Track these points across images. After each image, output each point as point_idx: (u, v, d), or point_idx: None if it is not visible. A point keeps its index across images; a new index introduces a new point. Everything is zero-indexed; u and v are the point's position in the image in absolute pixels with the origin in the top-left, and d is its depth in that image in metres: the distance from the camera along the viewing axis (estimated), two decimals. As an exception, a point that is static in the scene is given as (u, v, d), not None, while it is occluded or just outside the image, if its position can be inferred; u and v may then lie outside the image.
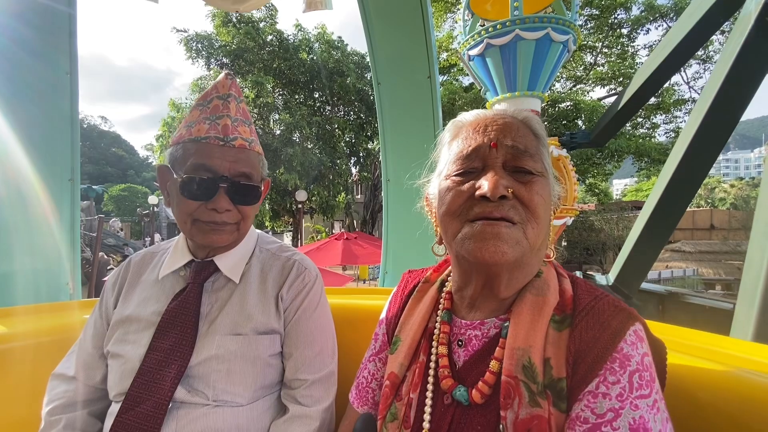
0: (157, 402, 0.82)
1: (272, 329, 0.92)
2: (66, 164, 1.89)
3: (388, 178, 2.47)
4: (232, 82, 0.93)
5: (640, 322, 0.58)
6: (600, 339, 0.55)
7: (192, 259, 0.96)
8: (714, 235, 20.21)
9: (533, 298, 0.63)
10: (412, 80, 2.39)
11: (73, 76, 1.89)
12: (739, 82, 3.56)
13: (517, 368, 0.57)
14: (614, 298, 0.61)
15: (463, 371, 0.66)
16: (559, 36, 3.86)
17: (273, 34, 15.13)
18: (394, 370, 0.72)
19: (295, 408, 0.90)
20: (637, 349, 0.55)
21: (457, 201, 0.63)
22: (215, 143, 0.87)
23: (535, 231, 0.61)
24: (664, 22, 14.70)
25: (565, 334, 0.58)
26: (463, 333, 0.68)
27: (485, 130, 0.65)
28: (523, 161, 0.63)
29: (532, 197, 0.61)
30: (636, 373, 0.53)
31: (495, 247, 0.58)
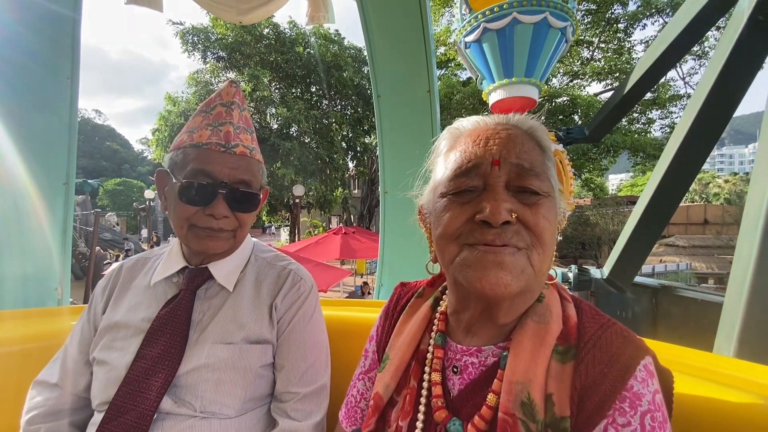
0: (142, 413, 0.79)
1: (264, 339, 0.90)
2: (62, 168, 1.88)
3: (386, 190, 2.49)
4: (236, 90, 0.94)
5: (650, 354, 0.54)
6: (608, 375, 0.51)
7: (186, 265, 0.95)
8: (707, 229, 20.41)
9: (535, 326, 0.58)
10: (411, 95, 2.42)
11: (74, 81, 1.89)
12: (733, 78, 3.60)
13: (515, 405, 0.52)
14: (622, 327, 0.57)
15: (457, 401, 0.61)
16: (558, 21, 3.81)
17: (269, 28, 15.02)
18: (379, 391, 0.68)
19: (285, 422, 0.87)
20: (647, 387, 0.51)
21: (455, 224, 0.57)
22: (216, 149, 0.87)
23: (540, 257, 0.56)
24: (661, 17, 14.71)
25: (570, 367, 0.54)
26: (458, 359, 0.64)
27: (486, 144, 0.59)
28: (528, 181, 0.57)
29: (538, 221, 0.55)
30: (648, 414, 0.49)
31: (497, 279, 0.53)
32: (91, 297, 1.01)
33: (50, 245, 1.83)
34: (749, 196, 2.54)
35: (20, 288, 1.75)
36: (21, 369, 1.11)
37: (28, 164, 1.76)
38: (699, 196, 34.42)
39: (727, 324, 2.41)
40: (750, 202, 2.49)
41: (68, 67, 1.87)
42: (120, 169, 78.33)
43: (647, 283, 5.99)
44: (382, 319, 0.81)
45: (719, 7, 4.03)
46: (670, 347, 0.95)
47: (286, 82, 15.81)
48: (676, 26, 4.44)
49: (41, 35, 1.82)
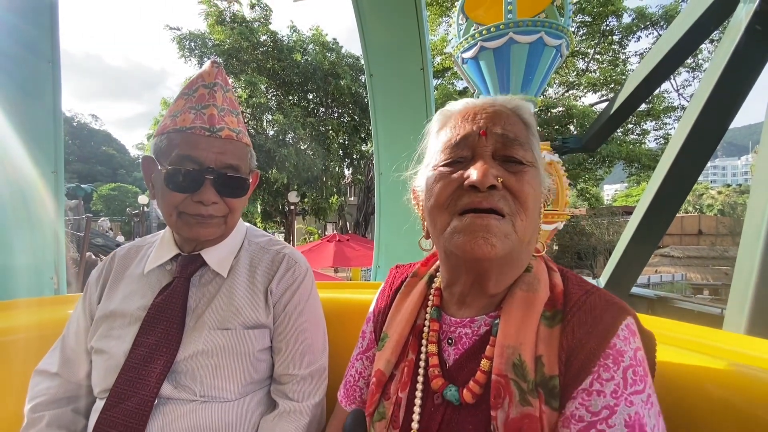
0: (143, 398, 0.80)
1: (261, 324, 0.90)
2: (49, 156, 1.83)
3: (381, 171, 2.46)
4: (218, 70, 0.90)
5: (631, 315, 0.57)
6: (592, 335, 0.54)
7: (178, 253, 0.94)
8: (702, 240, 20.53)
9: (523, 294, 0.61)
10: (404, 72, 2.36)
11: (56, 64, 1.83)
12: (729, 90, 3.61)
13: (507, 366, 0.56)
14: (605, 292, 0.60)
15: (453, 370, 0.64)
16: (553, 40, 3.88)
17: (267, 35, 15.08)
18: (380, 367, 0.71)
19: (285, 403, 0.88)
20: (629, 344, 0.54)
21: (446, 191, 0.61)
22: (201, 133, 0.84)
23: (524, 223, 0.59)
24: (655, 30, 14.94)
25: (557, 330, 0.57)
26: (453, 331, 0.67)
27: (474, 118, 0.63)
28: (513, 150, 0.61)
29: (522, 187, 0.59)
30: (630, 369, 0.52)
31: (484, 240, 0.56)
32: (85, 287, 1.00)
33: (43, 235, 1.80)
34: (749, 206, 2.52)
35: (15, 278, 1.72)
36: (19, 358, 1.12)
37: (15, 153, 1.71)
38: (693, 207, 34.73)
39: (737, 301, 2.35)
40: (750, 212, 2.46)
41: (48, 50, 1.82)
42: (115, 174, 78.02)
43: (644, 294, 5.97)
44: (379, 300, 0.84)
45: (714, 19, 4.06)
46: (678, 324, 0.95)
47: (283, 89, 15.84)
48: (670, 38, 4.47)
49: (18, 18, 1.77)
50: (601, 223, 18.53)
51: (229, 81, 0.94)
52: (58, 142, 1.87)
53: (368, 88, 2.47)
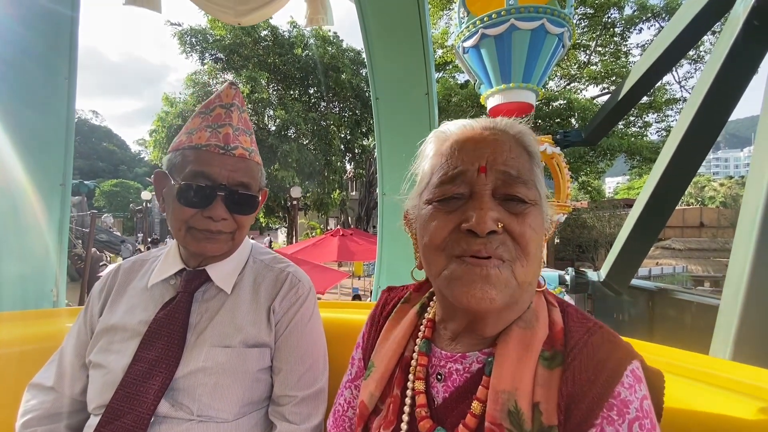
0: (139, 416, 0.78)
1: (262, 342, 0.89)
2: (59, 169, 1.86)
3: (384, 192, 2.49)
4: (236, 92, 0.93)
5: (637, 359, 0.53)
6: (595, 382, 0.50)
7: (183, 267, 0.94)
8: (703, 232, 20.50)
9: (520, 332, 0.57)
10: (410, 97, 2.42)
11: (72, 80, 1.88)
12: (728, 83, 3.62)
13: (503, 415, 0.51)
14: (608, 331, 0.56)
15: (442, 410, 0.60)
16: (555, 28, 3.85)
17: (268, 30, 15.02)
18: (364, 400, 0.67)
19: (283, 426, 0.87)
20: (635, 393, 0.50)
21: (442, 233, 0.56)
22: (215, 151, 0.86)
23: (524, 269, 0.55)
24: (657, 21, 14.82)
25: (557, 373, 0.53)
26: (442, 365, 0.62)
27: (474, 150, 0.58)
28: (515, 189, 0.56)
29: (524, 231, 0.55)
30: (636, 422, 0.48)
31: (482, 293, 0.52)
32: (87, 299, 0.99)
33: (46, 246, 1.81)
34: (745, 198, 2.55)
35: (16, 289, 1.73)
36: (16, 371, 1.10)
37: (24, 165, 1.75)
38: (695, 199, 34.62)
39: (724, 327, 2.42)
40: (746, 205, 2.50)
41: (66, 66, 1.86)
42: (117, 170, 77.97)
43: (644, 286, 6.01)
44: (368, 325, 0.79)
45: (715, 12, 4.07)
46: (664, 349, 0.95)
47: (284, 83, 15.81)
48: (672, 30, 4.47)
49: (39, 34, 1.81)
50: (603, 216, 18.51)
51: (245, 102, 0.98)
52: (68, 156, 1.89)
53: (374, 111, 2.52)
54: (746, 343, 2.29)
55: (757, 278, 2.29)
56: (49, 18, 1.83)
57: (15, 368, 1.12)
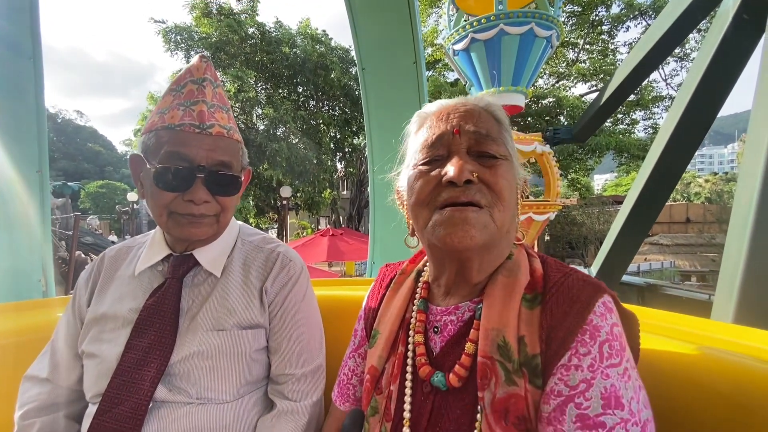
0: (137, 402, 0.78)
1: (257, 324, 0.89)
2: (33, 155, 1.78)
3: (375, 166, 2.43)
4: (207, 65, 0.87)
5: (608, 294, 0.59)
6: (570, 313, 0.56)
7: (170, 253, 0.92)
8: (690, 228, 20.88)
9: (505, 280, 0.64)
10: (397, 65, 2.33)
11: (37, 61, 1.77)
12: (717, 79, 3.65)
13: (492, 348, 0.58)
14: (583, 274, 0.62)
15: (440, 357, 0.66)
16: (543, 31, 3.88)
17: (254, 27, 14.83)
18: (373, 363, 0.72)
19: (283, 403, 0.88)
20: (606, 320, 0.56)
21: (426, 189, 0.64)
22: (190, 130, 0.82)
23: (501, 214, 0.62)
24: (644, 19, 15.01)
25: (537, 311, 0.59)
26: (438, 320, 0.69)
27: (448, 118, 0.67)
28: (486, 145, 0.64)
29: (497, 180, 0.62)
30: (606, 343, 0.54)
31: (464, 232, 0.59)
32: (74, 290, 0.98)
33: (29, 236, 1.75)
34: (737, 194, 2.56)
35: (2, 281, 1.68)
36: (7, 363, 1.09)
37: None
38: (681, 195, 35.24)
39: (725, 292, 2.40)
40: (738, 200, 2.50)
41: (29, 46, 1.75)
42: (103, 171, 76.64)
43: (633, 282, 6.08)
44: (369, 298, 0.86)
45: (701, 10, 4.09)
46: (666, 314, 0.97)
47: (273, 82, 15.63)
48: (659, 28, 4.50)
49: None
50: (592, 213, 18.73)
51: (218, 76, 0.91)
52: (42, 140, 1.81)
53: (360, 82, 2.43)
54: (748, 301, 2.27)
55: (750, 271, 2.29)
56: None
57: (8, 360, 1.10)
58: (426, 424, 0.63)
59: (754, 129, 2.49)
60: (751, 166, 2.38)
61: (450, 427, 0.60)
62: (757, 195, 2.29)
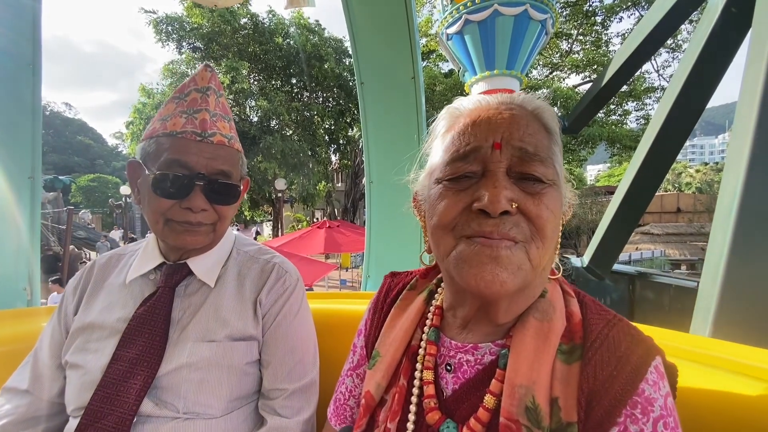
0: (121, 417, 0.75)
1: (249, 335, 0.86)
2: (26, 162, 1.77)
3: (372, 180, 2.45)
4: (212, 75, 0.88)
5: (659, 354, 0.51)
6: (617, 378, 0.48)
7: (163, 261, 0.90)
8: (680, 217, 21.17)
9: (537, 324, 0.54)
10: (395, 81, 2.36)
11: (36, 67, 1.77)
12: (707, 71, 3.70)
13: (519, 410, 0.48)
14: (629, 324, 0.53)
15: (451, 402, 0.56)
16: (538, 14, 3.87)
17: (247, 18, 14.63)
18: (370, 389, 0.64)
19: (274, 420, 0.84)
20: (659, 390, 0.48)
21: (451, 213, 0.53)
22: (192, 138, 0.82)
23: (540, 252, 0.51)
24: (636, 10, 15.02)
25: (576, 368, 0.50)
26: (452, 356, 0.59)
27: (488, 125, 0.54)
28: (532, 167, 0.52)
29: (540, 213, 0.51)
30: (660, 420, 0.46)
31: (492, 276, 0.49)
32: (61, 297, 0.96)
33: (17, 243, 1.74)
34: (722, 184, 2.63)
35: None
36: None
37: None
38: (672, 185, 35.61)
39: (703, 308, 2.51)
40: (723, 190, 2.58)
41: (30, 53, 1.75)
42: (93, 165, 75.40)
43: (625, 271, 6.20)
44: (371, 312, 0.76)
45: (692, 1, 4.13)
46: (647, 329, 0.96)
47: (266, 73, 15.47)
48: (651, 19, 4.53)
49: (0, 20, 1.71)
50: (585, 203, 18.88)
51: (222, 86, 0.93)
52: (36, 147, 1.79)
53: (359, 97, 2.46)
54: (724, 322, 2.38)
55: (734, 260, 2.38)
56: (10, 3, 1.73)
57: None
58: None
59: (740, 120, 2.56)
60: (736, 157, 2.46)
61: None
62: (740, 187, 2.37)
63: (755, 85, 2.47)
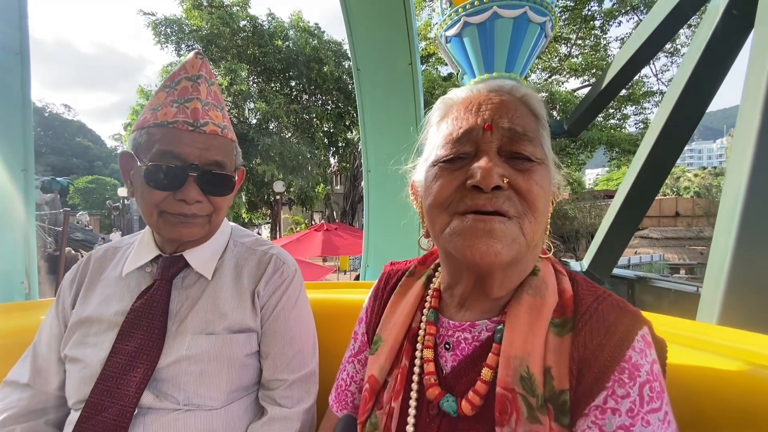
0: (121, 409, 0.76)
1: (248, 328, 0.87)
2: (18, 153, 1.74)
3: (369, 168, 2.42)
4: (202, 62, 0.85)
5: (646, 324, 0.54)
6: (606, 346, 0.51)
7: (159, 254, 0.90)
8: (679, 222, 21.17)
9: (530, 299, 0.57)
10: (392, 67, 2.30)
11: (24, 56, 1.73)
12: (707, 75, 3.69)
13: (515, 379, 0.51)
14: (618, 298, 0.56)
15: (450, 378, 0.60)
16: (537, 16, 3.86)
17: (246, 20, 14.63)
18: (374, 373, 0.67)
19: (274, 410, 0.85)
20: (645, 357, 0.50)
21: (446, 191, 0.56)
22: (184, 128, 0.80)
23: (532, 226, 0.55)
24: (635, 14, 15.08)
25: (567, 340, 0.53)
26: (450, 335, 0.62)
27: (479, 110, 0.58)
28: (521, 146, 0.56)
29: (530, 188, 0.54)
30: (646, 385, 0.49)
31: (487, 247, 0.52)
32: (58, 291, 0.95)
33: (12, 237, 1.71)
34: (724, 189, 2.60)
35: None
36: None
37: None
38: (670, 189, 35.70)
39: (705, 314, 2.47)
40: (725, 195, 2.55)
41: (17, 41, 1.72)
42: (92, 167, 75.27)
43: (624, 275, 6.17)
44: (372, 299, 0.79)
45: (691, 5, 4.12)
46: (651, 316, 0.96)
47: (265, 76, 15.46)
48: (650, 23, 4.53)
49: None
50: (584, 207, 18.89)
51: (214, 74, 0.90)
52: (28, 138, 1.77)
53: (356, 84, 2.41)
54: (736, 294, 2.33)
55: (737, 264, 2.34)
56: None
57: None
58: None
59: (742, 123, 2.53)
60: (739, 160, 2.43)
61: None
62: (744, 190, 2.34)
63: (758, 86, 2.45)
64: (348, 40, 2.40)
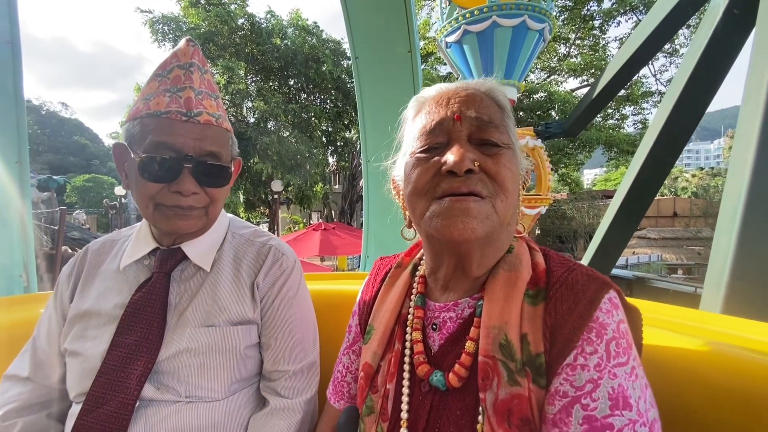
0: (123, 401, 0.75)
1: (248, 319, 0.86)
2: (12, 145, 1.70)
3: (368, 158, 2.39)
4: (194, 50, 0.83)
5: (614, 289, 0.57)
6: (575, 310, 0.54)
7: (157, 246, 0.88)
8: (677, 222, 21.21)
9: (506, 274, 0.61)
10: (391, 54, 2.25)
11: (15, 45, 1.69)
12: (707, 74, 3.68)
13: (494, 347, 0.55)
14: (587, 268, 0.60)
15: (438, 356, 0.64)
16: (536, 24, 3.87)
17: (244, 18, 14.58)
18: (368, 360, 0.70)
19: (276, 400, 0.85)
20: (612, 317, 0.54)
21: (424, 178, 0.61)
22: (177, 118, 0.78)
23: (504, 204, 0.60)
24: (634, 14, 15.10)
25: (540, 308, 0.57)
26: (437, 316, 0.67)
27: (448, 103, 0.63)
28: (488, 133, 0.61)
29: (499, 170, 0.59)
30: (612, 341, 0.52)
31: (464, 224, 0.57)
32: (56, 285, 0.94)
33: (9, 230, 1.69)
34: (726, 189, 2.59)
35: None
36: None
37: None
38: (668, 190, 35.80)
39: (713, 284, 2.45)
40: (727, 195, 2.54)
41: (7, 30, 1.67)
42: (89, 165, 75.01)
43: (622, 276, 6.18)
44: (364, 293, 0.83)
45: (691, 5, 4.11)
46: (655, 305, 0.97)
47: (263, 74, 15.42)
48: (650, 23, 4.52)
49: None
50: (582, 207, 18.92)
51: (206, 62, 0.88)
52: (21, 129, 1.73)
53: (354, 72, 2.36)
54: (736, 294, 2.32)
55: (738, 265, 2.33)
56: None
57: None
58: (424, 425, 0.61)
59: (744, 123, 2.52)
60: (741, 159, 2.42)
61: (449, 428, 0.59)
62: (745, 188, 2.33)
63: (760, 85, 2.44)
64: (346, 27, 2.34)
